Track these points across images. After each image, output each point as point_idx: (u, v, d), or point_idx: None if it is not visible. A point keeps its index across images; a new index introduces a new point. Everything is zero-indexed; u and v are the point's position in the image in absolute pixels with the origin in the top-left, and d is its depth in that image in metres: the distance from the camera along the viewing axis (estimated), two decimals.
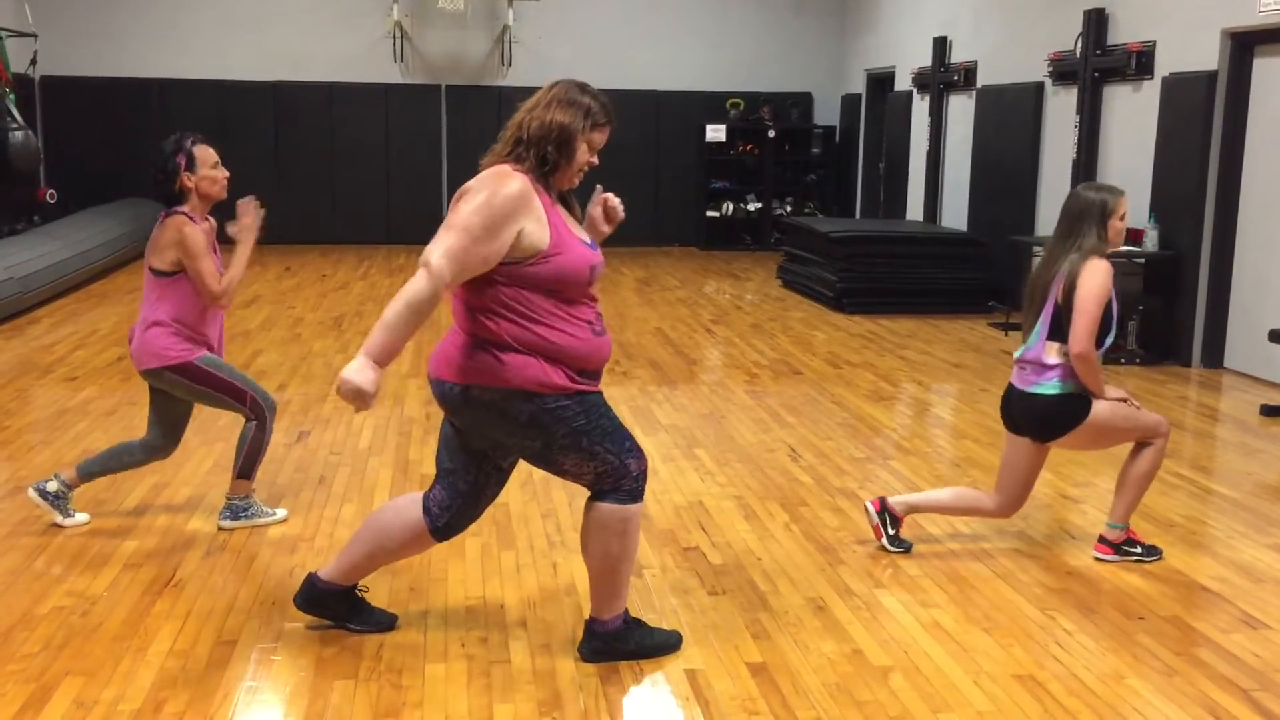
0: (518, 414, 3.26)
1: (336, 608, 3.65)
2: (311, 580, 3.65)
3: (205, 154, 4.58)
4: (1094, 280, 4.12)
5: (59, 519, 4.55)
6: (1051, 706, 3.29)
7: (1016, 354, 4.36)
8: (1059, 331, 4.19)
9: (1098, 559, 4.38)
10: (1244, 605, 4.03)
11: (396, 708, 3.21)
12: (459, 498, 3.50)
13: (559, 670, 3.44)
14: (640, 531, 4.55)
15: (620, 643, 3.50)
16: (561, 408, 3.27)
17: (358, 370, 3.08)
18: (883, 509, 4.46)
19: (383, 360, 3.12)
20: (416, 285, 3.13)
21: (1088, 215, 4.21)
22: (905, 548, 4.44)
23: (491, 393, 3.25)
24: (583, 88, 3.39)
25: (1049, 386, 4.21)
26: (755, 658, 3.55)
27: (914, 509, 4.48)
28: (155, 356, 4.43)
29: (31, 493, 4.58)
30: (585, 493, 5.05)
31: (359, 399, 3.09)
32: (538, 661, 3.49)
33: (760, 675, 3.44)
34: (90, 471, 4.61)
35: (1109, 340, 4.22)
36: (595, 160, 3.41)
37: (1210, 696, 3.36)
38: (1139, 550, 4.39)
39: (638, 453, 3.42)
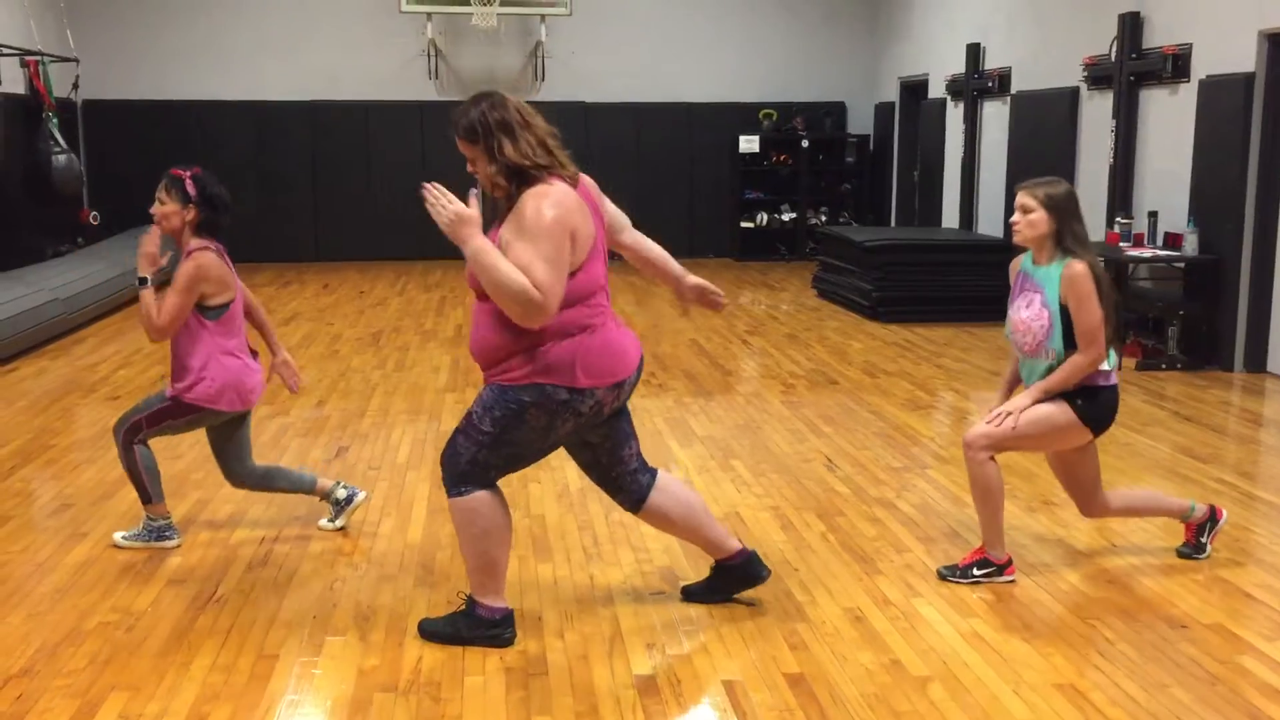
0: None
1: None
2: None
3: None
4: None
5: (340, 521, 4.77)
6: (1093, 716, 3.26)
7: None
8: None
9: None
10: None
11: None
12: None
13: (597, 682, 3.45)
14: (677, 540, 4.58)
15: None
16: None
17: None
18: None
19: None
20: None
21: None
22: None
23: None
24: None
25: None
26: (793, 668, 3.54)
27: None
28: None
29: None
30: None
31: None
32: (576, 673, 3.51)
33: (798, 686, 3.43)
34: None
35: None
36: (469, 169, 3.69)
37: (1254, 705, 3.32)
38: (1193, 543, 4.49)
39: None
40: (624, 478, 3.82)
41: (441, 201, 3.47)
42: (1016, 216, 4.12)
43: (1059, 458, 4.30)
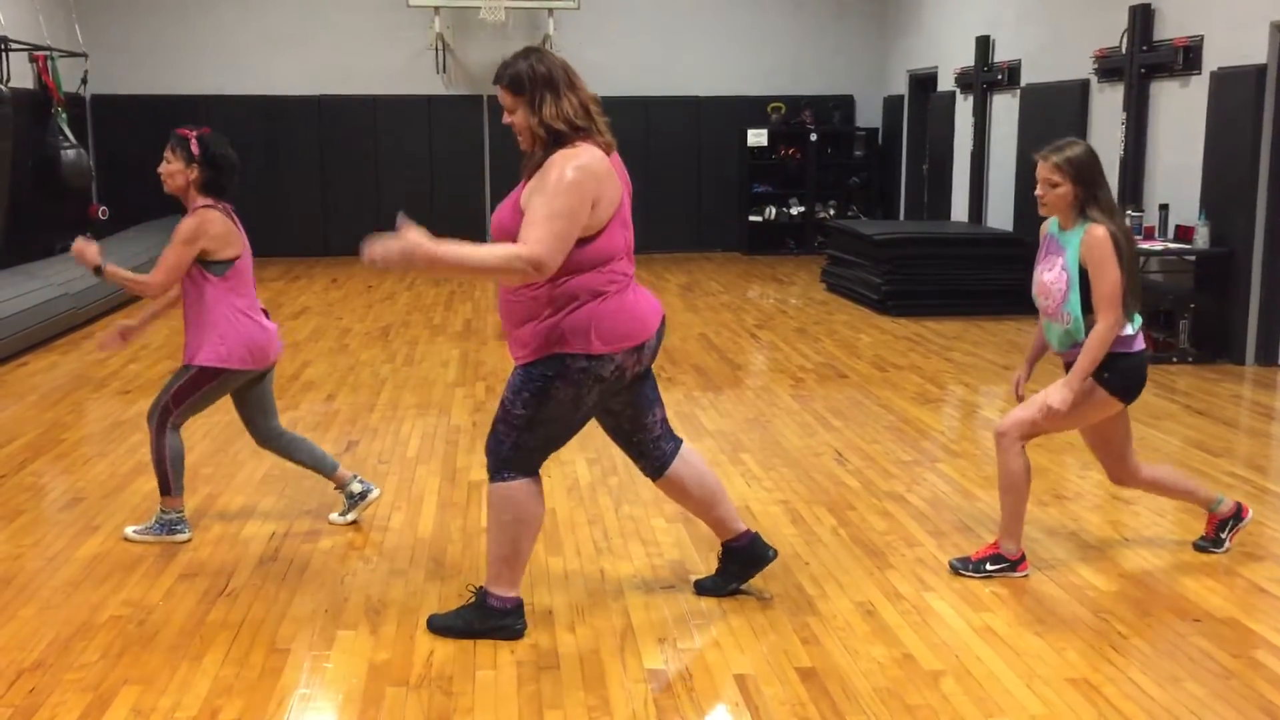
0: None
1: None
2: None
3: None
4: None
5: (352, 515, 4.79)
6: (1106, 710, 3.25)
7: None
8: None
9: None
10: None
11: (447, 714, 3.24)
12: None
13: (609, 676, 3.45)
14: (688, 534, 4.58)
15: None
16: None
17: None
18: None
19: None
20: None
21: None
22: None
23: None
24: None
25: None
26: (805, 663, 3.54)
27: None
28: None
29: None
30: (633, 498, 5.07)
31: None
32: (587, 667, 3.51)
33: (810, 680, 3.43)
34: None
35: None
36: (505, 120, 3.61)
37: (1269, 699, 3.31)
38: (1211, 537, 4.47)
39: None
40: (647, 444, 3.84)
41: (380, 251, 3.19)
42: (1041, 189, 4.12)
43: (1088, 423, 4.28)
